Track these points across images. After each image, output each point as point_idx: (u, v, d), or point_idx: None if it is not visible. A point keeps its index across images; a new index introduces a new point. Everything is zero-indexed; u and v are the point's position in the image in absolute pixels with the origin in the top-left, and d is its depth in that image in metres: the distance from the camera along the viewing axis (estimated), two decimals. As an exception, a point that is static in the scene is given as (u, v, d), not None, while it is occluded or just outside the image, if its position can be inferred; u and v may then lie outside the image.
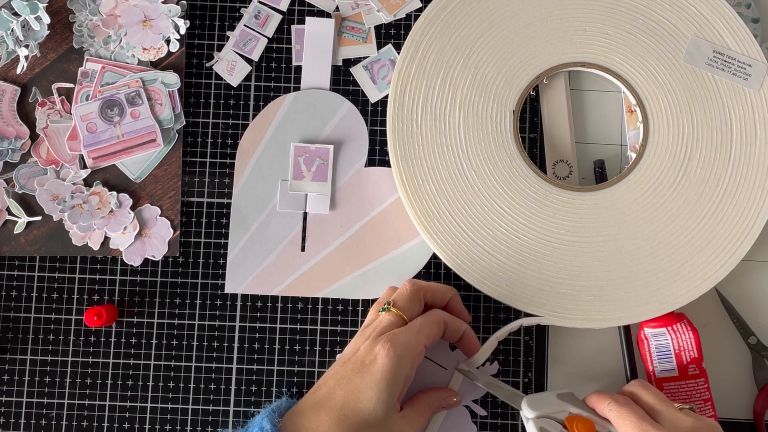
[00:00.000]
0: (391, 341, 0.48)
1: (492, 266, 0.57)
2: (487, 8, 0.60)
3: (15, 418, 0.58)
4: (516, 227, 0.58)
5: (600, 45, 0.59)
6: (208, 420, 0.58)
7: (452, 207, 0.58)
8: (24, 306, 0.59)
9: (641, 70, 0.59)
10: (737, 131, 0.59)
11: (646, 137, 0.59)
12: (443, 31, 0.59)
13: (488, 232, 0.58)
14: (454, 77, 0.59)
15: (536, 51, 0.59)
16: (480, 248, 0.58)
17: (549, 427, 0.51)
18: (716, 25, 0.59)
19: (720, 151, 0.58)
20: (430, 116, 0.59)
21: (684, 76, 0.59)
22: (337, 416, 0.47)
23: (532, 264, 0.57)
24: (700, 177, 0.58)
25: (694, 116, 0.59)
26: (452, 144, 0.59)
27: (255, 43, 0.61)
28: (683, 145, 0.59)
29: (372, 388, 0.47)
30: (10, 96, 0.60)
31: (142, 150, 0.59)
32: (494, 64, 0.59)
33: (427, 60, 0.59)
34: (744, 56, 0.59)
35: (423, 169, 0.58)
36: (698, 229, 0.58)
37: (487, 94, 0.59)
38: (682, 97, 0.59)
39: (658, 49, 0.59)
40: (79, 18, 0.60)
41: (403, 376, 0.48)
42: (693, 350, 0.57)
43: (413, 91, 0.59)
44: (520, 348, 0.59)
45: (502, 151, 0.58)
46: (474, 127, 0.59)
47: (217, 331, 0.59)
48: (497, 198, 0.58)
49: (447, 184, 0.58)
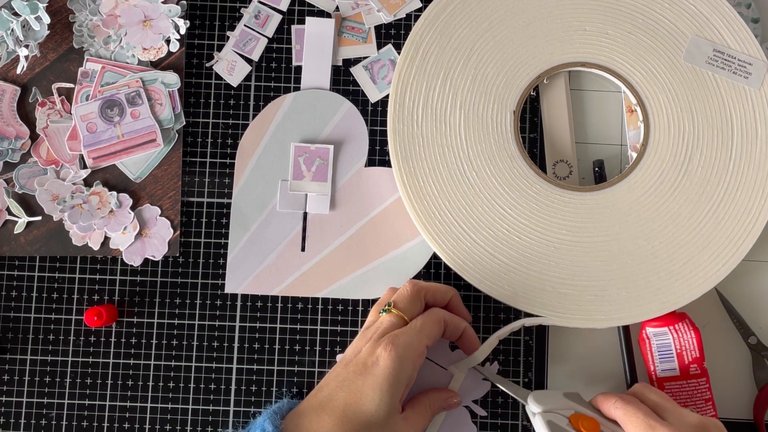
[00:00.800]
0: (392, 343, 0.48)
1: (493, 266, 0.57)
2: (487, 9, 0.60)
3: (15, 418, 0.58)
4: (517, 227, 0.58)
5: (600, 45, 0.59)
6: (208, 420, 0.58)
7: (453, 208, 0.58)
8: (24, 306, 0.59)
9: (641, 70, 0.59)
10: (738, 130, 0.59)
11: (647, 136, 0.59)
12: (443, 32, 0.59)
13: (489, 232, 0.58)
14: (455, 78, 0.59)
15: (536, 51, 0.59)
16: (481, 249, 0.58)
17: (557, 421, 0.51)
18: (716, 23, 0.59)
19: (721, 150, 0.58)
20: (430, 117, 0.59)
21: (684, 75, 0.59)
22: (339, 418, 0.47)
23: (534, 264, 0.57)
24: (701, 176, 0.58)
25: (694, 115, 0.59)
26: (453, 145, 0.59)
27: (255, 43, 0.61)
28: (684, 144, 0.59)
29: (374, 390, 0.47)
30: (10, 96, 0.60)
31: (142, 150, 0.59)
32: (494, 64, 0.59)
33: (427, 61, 0.59)
34: (744, 55, 0.59)
35: (424, 170, 0.58)
36: (699, 228, 0.58)
37: (488, 94, 0.59)
38: (682, 96, 0.59)
39: (658, 48, 0.59)
40: (79, 18, 0.60)
41: (405, 377, 0.48)
42: (695, 350, 0.57)
43: (413, 92, 0.59)
44: (520, 348, 0.59)
45: (503, 152, 0.58)
46: (474, 128, 0.59)
47: (217, 331, 0.59)
48: (498, 198, 0.58)
49: (448, 185, 0.58)
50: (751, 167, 0.58)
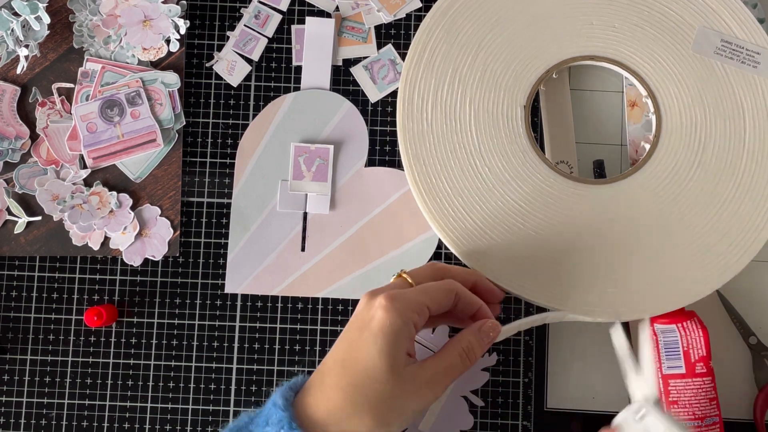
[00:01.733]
0: (389, 297, 0.46)
1: (510, 262, 0.57)
2: (494, 4, 0.60)
3: (15, 418, 0.58)
4: (532, 222, 0.57)
5: (607, 38, 0.59)
6: (208, 420, 0.58)
7: (467, 204, 0.58)
8: (24, 306, 0.59)
9: (650, 62, 0.59)
10: (750, 119, 0.59)
11: (660, 128, 0.59)
12: (450, 30, 0.59)
13: (504, 227, 0.57)
14: (463, 75, 0.59)
15: (544, 46, 0.59)
16: (497, 244, 0.57)
17: None
18: (723, 14, 0.59)
19: (734, 139, 0.58)
20: (440, 115, 0.59)
21: (693, 66, 0.59)
22: (338, 373, 0.45)
23: (550, 258, 0.57)
24: (715, 166, 0.58)
25: (705, 105, 0.59)
26: (464, 141, 0.58)
27: (255, 43, 0.61)
28: (696, 134, 0.58)
29: (369, 340, 0.45)
30: (10, 96, 0.60)
31: (142, 150, 0.59)
32: (503, 60, 0.59)
33: (435, 59, 0.59)
34: (752, 44, 0.59)
35: (435, 168, 0.58)
36: (717, 217, 0.57)
37: (497, 90, 0.59)
38: (692, 87, 0.59)
39: (666, 40, 0.59)
40: (79, 18, 0.60)
41: (405, 332, 0.46)
42: (702, 348, 0.57)
43: (422, 91, 0.59)
44: (520, 348, 0.59)
45: (515, 147, 0.58)
46: (485, 124, 0.59)
47: (217, 331, 0.59)
48: (512, 193, 0.58)
49: (461, 182, 0.58)
50: (764, 154, 0.58)
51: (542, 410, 0.59)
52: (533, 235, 0.57)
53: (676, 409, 0.57)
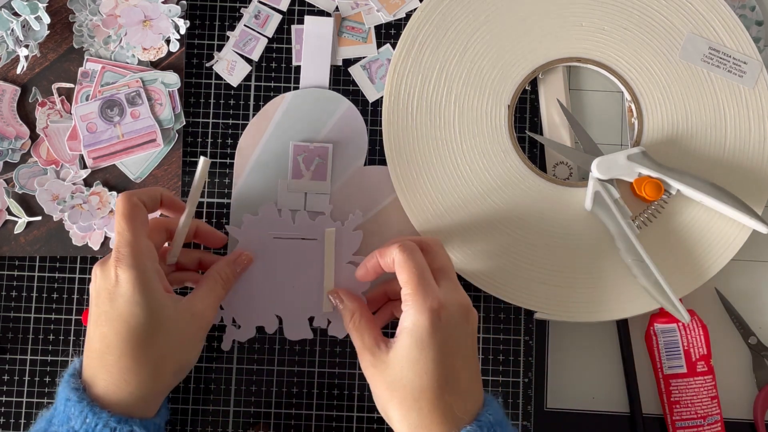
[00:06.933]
0: (116, 257, 0.47)
1: (487, 261, 0.57)
2: (484, 2, 0.60)
3: (15, 418, 0.58)
4: (510, 222, 0.58)
5: (596, 40, 0.60)
6: (208, 420, 0.58)
7: (446, 201, 0.58)
8: (24, 306, 0.59)
9: (637, 66, 0.59)
10: (731, 128, 0.59)
11: (641, 133, 0.59)
12: (440, 25, 0.59)
13: (482, 227, 0.58)
14: (450, 71, 0.59)
15: (532, 46, 0.59)
16: (476, 244, 0.57)
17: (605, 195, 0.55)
18: (712, 21, 0.59)
19: (714, 147, 0.58)
20: (425, 110, 0.59)
21: (680, 73, 0.59)
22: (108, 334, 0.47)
23: (527, 258, 0.57)
24: (695, 172, 0.58)
25: (688, 112, 0.59)
26: (447, 138, 0.59)
27: (255, 43, 0.61)
28: (678, 140, 0.59)
29: (124, 296, 0.47)
30: (10, 96, 0.60)
31: (142, 150, 0.59)
32: (490, 58, 0.59)
33: (423, 53, 0.59)
34: (739, 53, 0.59)
35: (417, 163, 0.58)
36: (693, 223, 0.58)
37: (483, 88, 0.59)
38: (677, 93, 0.59)
39: (654, 45, 0.59)
40: (79, 18, 0.60)
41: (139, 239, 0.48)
42: (702, 347, 0.57)
43: (409, 85, 0.59)
44: (520, 348, 0.59)
45: (497, 146, 0.58)
46: (469, 122, 0.59)
47: (216, 331, 0.59)
48: (491, 193, 0.58)
49: (441, 179, 0.58)
50: (743, 165, 0.58)
51: (542, 410, 0.59)
52: (510, 235, 0.58)
53: (678, 409, 0.57)
